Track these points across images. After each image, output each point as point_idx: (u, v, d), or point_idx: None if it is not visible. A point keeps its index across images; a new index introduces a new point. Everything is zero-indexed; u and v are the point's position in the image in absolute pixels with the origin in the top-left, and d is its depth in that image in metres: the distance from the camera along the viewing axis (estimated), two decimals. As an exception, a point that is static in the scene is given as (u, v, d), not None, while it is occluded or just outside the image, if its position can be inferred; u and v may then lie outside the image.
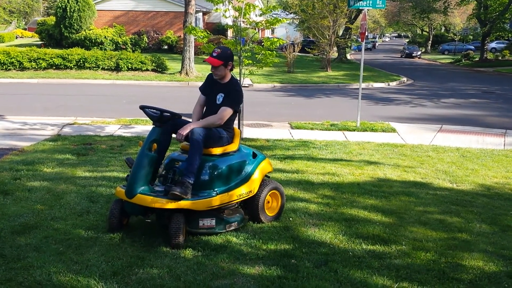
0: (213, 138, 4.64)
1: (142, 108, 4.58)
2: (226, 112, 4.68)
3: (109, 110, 13.06)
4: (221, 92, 4.78)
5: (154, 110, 4.52)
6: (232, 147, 4.84)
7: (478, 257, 4.35)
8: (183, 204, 4.27)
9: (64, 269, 3.81)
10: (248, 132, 10.05)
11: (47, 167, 6.86)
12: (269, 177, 5.32)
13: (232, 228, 4.66)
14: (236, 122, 10.01)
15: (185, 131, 4.48)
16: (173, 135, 4.79)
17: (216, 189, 4.52)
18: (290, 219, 5.12)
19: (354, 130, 10.90)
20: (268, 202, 5.01)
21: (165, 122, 4.53)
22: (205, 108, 4.94)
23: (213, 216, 4.51)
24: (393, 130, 11.09)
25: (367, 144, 9.52)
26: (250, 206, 4.87)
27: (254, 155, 4.99)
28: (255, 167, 4.87)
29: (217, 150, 4.70)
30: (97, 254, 4.10)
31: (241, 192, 4.69)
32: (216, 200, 4.47)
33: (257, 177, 4.85)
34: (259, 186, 4.88)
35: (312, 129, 10.99)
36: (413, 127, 11.75)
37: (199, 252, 4.22)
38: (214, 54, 4.71)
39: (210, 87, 4.91)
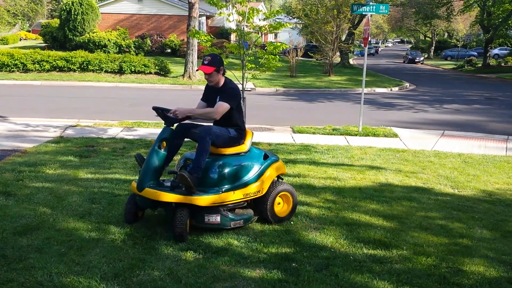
0: (223, 138, 4.82)
1: (155, 108, 4.81)
2: (221, 105, 4.81)
3: (111, 112, 13.10)
4: (219, 95, 4.95)
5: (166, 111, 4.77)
6: (243, 148, 5.00)
7: (479, 263, 4.35)
8: (188, 199, 4.47)
9: (66, 270, 3.83)
10: (250, 136, 10.05)
11: (49, 169, 6.89)
12: (282, 179, 5.41)
13: (238, 225, 4.78)
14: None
15: (182, 113, 4.70)
16: (186, 139, 5.05)
17: (221, 187, 4.71)
18: (292, 222, 5.13)
19: (356, 135, 10.91)
20: (279, 203, 5.12)
21: (175, 122, 4.80)
22: None
23: (218, 212, 4.67)
24: (395, 135, 11.10)
25: (369, 149, 9.52)
26: (259, 205, 5.00)
27: (266, 157, 5.12)
28: (265, 168, 5.00)
29: (226, 150, 4.88)
30: (98, 255, 4.11)
31: (249, 191, 4.83)
32: (220, 198, 4.64)
33: (266, 178, 4.97)
34: (269, 187, 5.01)
35: (314, 133, 11.00)
36: (415, 132, 11.75)
37: (200, 255, 4.23)
38: (205, 62, 4.88)
39: (209, 94, 5.10)
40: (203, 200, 4.55)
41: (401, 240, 4.80)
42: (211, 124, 5.00)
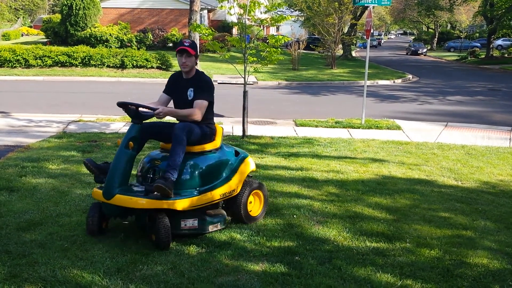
0: (197, 135, 4.47)
1: (121, 105, 4.33)
2: (201, 105, 4.50)
3: (114, 107, 12.98)
4: (191, 87, 4.61)
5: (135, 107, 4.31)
6: (214, 144, 4.67)
7: (483, 255, 4.34)
8: (166, 203, 4.08)
9: (69, 265, 3.83)
10: (253, 130, 10.05)
11: (52, 164, 6.90)
12: (251, 176, 5.17)
13: (215, 229, 4.51)
14: (240, 119, 9.99)
15: (164, 114, 4.36)
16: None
17: (198, 188, 4.37)
18: (294, 216, 5.12)
19: (359, 128, 10.88)
20: (251, 202, 4.86)
21: (145, 119, 4.33)
22: (173, 107, 4.75)
23: (195, 216, 4.33)
24: (398, 128, 11.06)
25: (372, 141, 9.50)
26: (232, 206, 4.70)
27: (237, 153, 4.85)
28: (238, 166, 4.74)
29: (199, 148, 4.54)
30: (101, 250, 4.11)
31: (225, 191, 4.54)
32: (198, 200, 4.30)
33: (240, 175, 4.71)
34: (242, 185, 4.74)
35: (316, 126, 10.98)
36: (418, 124, 11.72)
37: (203, 249, 4.22)
38: (187, 44, 4.53)
39: (175, 86, 4.73)
40: (182, 203, 4.14)
41: (404, 232, 4.79)
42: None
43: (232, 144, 8.63)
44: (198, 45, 19.61)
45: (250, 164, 4.95)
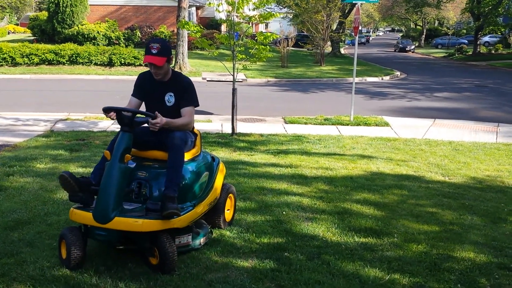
0: (187, 144, 4.10)
1: (108, 109, 3.89)
2: (191, 113, 4.11)
3: (102, 105, 12.92)
4: (169, 92, 4.11)
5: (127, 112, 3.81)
6: (197, 150, 4.25)
7: (469, 249, 4.40)
8: (170, 223, 3.67)
9: (58, 264, 3.81)
10: (242, 127, 10.05)
11: (40, 163, 6.85)
12: None
13: (204, 242, 4.19)
14: (229, 117, 9.99)
15: (162, 121, 3.79)
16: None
17: (193, 201, 4.03)
18: (284, 212, 5.14)
19: (347, 125, 10.94)
20: (228, 210, 4.70)
21: (138, 126, 3.86)
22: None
23: (189, 231, 4.01)
24: (387, 124, 11.14)
25: (360, 138, 9.55)
26: (213, 213, 4.42)
27: (213, 158, 4.56)
28: (217, 171, 4.48)
29: (186, 156, 4.05)
30: (90, 248, 4.09)
31: (211, 199, 4.28)
32: (194, 214, 3.97)
33: (220, 181, 4.50)
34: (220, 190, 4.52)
35: (306, 123, 11.01)
36: (406, 121, 11.81)
37: (193, 246, 4.22)
38: (155, 51, 3.92)
39: (148, 89, 4.20)
40: (182, 221, 3.78)
41: (392, 228, 4.84)
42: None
43: (222, 142, 8.67)
44: (187, 43, 19.38)
45: (224, 168, 4.72)
